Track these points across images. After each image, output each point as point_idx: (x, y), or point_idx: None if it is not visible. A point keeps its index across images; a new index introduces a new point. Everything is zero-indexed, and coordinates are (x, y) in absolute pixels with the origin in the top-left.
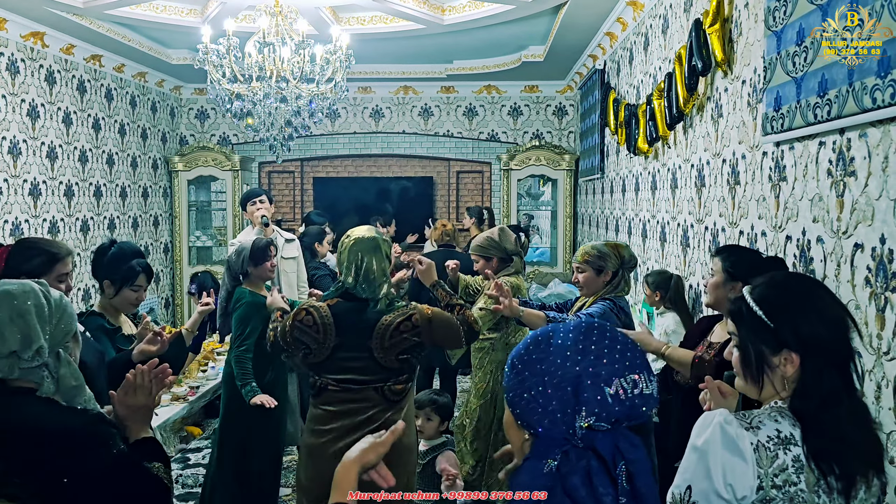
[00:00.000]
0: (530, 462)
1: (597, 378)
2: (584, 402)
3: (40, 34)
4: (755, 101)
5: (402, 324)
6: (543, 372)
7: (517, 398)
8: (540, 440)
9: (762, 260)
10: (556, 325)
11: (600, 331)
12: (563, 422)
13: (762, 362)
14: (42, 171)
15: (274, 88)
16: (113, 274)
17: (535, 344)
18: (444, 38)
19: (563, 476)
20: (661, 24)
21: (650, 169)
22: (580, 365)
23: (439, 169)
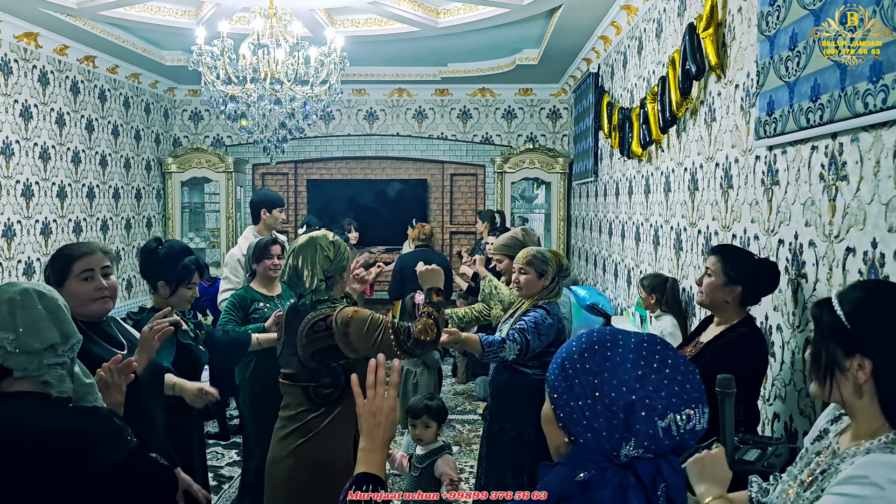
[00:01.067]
0: (563, 468)
1: (652, 411)
2: (635, 434)
3: (34, 35)
4: (748, 105)
5: (317, 323)
6: (596, 387)
7: (563, 403)
8: (578, 448)
9: (759, 262)
10: (616, 331)
11: (662, 355)
12: (608, 442)
13: (832, 364)
14: (35, 172)
15: (268, 90)
16: (168, 274)
17: (592, 352)
18: (439, 40)
19: (593, 487)
20: (655, 28)
21: (644, 172)
22: (636, 393)
23: (433, 171)
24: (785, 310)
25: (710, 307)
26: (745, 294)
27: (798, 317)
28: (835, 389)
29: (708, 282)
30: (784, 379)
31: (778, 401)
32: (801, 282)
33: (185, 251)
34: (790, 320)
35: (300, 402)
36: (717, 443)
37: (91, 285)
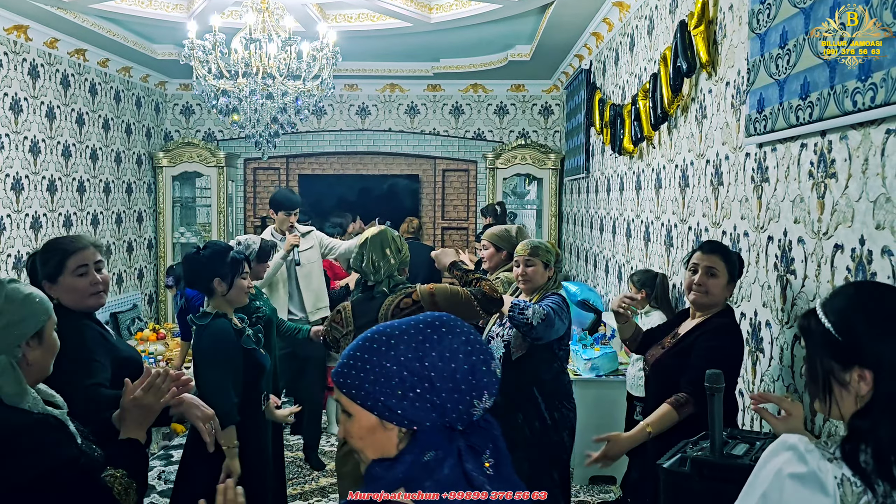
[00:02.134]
0: (409, 455)
1: (486, 362)
2: (485, 386)
3: (24, 27)
4: (739, 102)
5: (402, 301)
6: (428, 368)
7: (395, 402)
8: (423, 433)
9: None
10: (390, 325)
11: (452, 320)
12: (456, 410)
13: (829, 379)
14: (25, 166)
15: (260, 85)
16: (221, 270)
17: (399, 342)
18: (431, 36)
19: (437, 465)
20: (647, 25)
21: (635, 169)
22: (467, 356)
23: (425, 167)
24: (774, 306)
25: (710, 307)
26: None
27: (787, 313)
28: (834, 405)
29: (715, 282)
30: (772, 375)
31: None
32: (789, 279)
33: (228, 247)
34: (779, 317)
35: None
36: (706, 438)
37: (86, 280)
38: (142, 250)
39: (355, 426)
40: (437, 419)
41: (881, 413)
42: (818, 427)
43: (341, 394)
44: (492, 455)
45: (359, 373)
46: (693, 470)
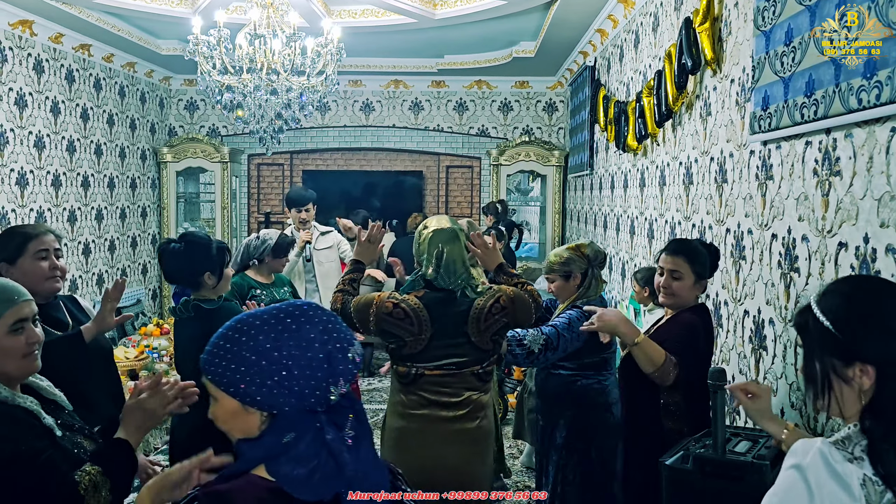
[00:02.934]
0: (269, 437)
1: (344, 350)
2: (341, 373)
3: (29, 22)
4: (743, 99)
5: (493, 306)
6: (286, 357)
7: (255, 389)
8: (282, 416)
9: (708, 249)
10: (252, 315)
11: (311, 308)
12: (313, 395)
13: (829, 376)
14: (29, 161)
15: (264, 81)
16: (210, 264)
17: (257, 331)
18: (436, 32)
19: (296, 444)
20: (652, 21)
21: (639, 166)
22: (330, 343)
23: (429, 163)
24: (777, 304)
25: (679, 307)
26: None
27: (790, 311)
28: (834, 403)
29: (679, 285)
30: (776, 372)
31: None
32: (793, 276)
33: (208, 238)
34: (782, 314)
35: (471, 385)
36: (709, 435)
37: (46, 264)
38: (146, 245)
39: (220, 410)
40: (296, 404)
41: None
42: (820, 425)
43: (207, 380)
44: (352, 428)
45: (222, 361)
46: (695, 467)
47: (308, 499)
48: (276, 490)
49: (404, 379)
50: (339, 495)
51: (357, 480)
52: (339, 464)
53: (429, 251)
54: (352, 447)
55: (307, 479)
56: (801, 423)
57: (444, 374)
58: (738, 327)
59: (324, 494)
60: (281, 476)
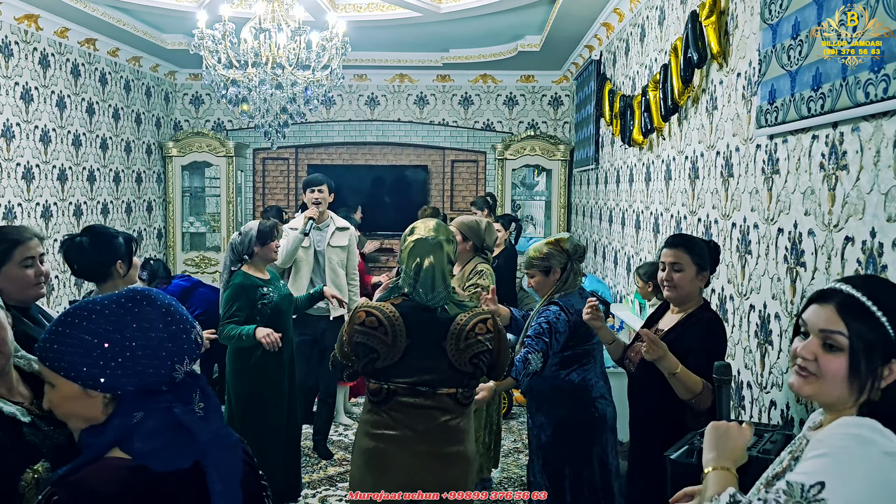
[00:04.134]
0: (118, 419)
1: (187, 331)
2: (186, 352)
3: (34, 17)
4: (750, 93)
5: (478, 326)
6: (129, 338)
7: (98, 371)
8: (126, 398)
9: (708, 244)
10: (92, 301)
11: (153, 293)
12: (159, 375)
13: (874, 371)
14: (35, 155)
15: (269, 75)
16: (121, 252)
17: (93, 318)
18: (441, 26)
19: (145, 423)
20: (658, 15)
21: (644, 160)
22: (173, 324)
23: (434, 158)
24: (783, 299)
25: (685, 300)
26: (710, 275)
27: (796, 306)
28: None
29: (680, 276)
30: (781, 367)
31: (775, 389)
32: (799, 271)
33: (110, 228)
34: (788, 309)
35: (448, 408)
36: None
37: (32, 271)
38: (151, 240)
39: (58, 396)
40: (140, 383)
41: None
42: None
43: (44, 366)
44: (201, 400)
45: (60, 346)
46: (700, 461)
47: (167, 469)
48: (135, 467)
49: (375, 397)
50: (198, 463)
51: (211, 448)
52: (193, 433)
53: (407, 263)
54: (203, 418)
55: (163, 451)
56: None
57: (417, 395)
58: (744, 322)
59: (182, 463)
60: (137, 452)
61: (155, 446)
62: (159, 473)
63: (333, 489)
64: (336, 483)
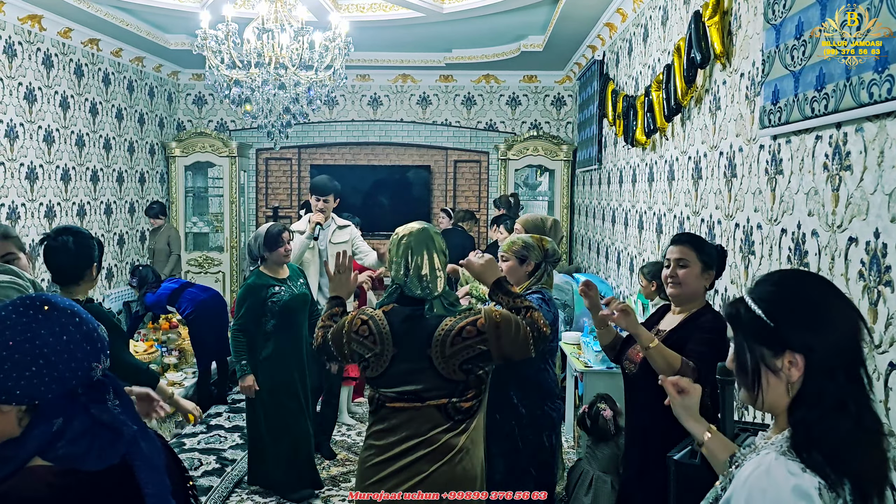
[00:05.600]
0: (37, 430)
1: (98, 327)
2: (101, 350)
3: (38, 17)
4: (753, 94)
5: (464, 328)
6: (42, 345)
7: (12, 384)
8: (44, 407)
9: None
10: None
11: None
12: (77, 377)
13: (758, 366)
14: (39, 155)
15: (272, 75)
16: (94, 255)
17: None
18: (444, 26)
19: (68, 427)
20: (661, 15)
21: (647, 161)
22: (84, 325)
23: (437, 158)
24: None
25: (688, 298)
26: (714, 279)
27: None
28: (767, 394)
29: (686, 272)
30: None
31: None
32: None
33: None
34: None
35: (436, 422)
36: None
37: None
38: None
39: None
40: (58, 389)
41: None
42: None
43: None
44: (115, 397)
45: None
46: (703, 462)
47: (95, 467)
48: (61, 471)
49: (370, 405)
50: (125, 456)
51: (135, 442)
52: (116, 429)
53: (398, 253)
54: (121, 413)
55: (88, 452)
56: None
57: (404, 405)
58: None
59: (111, 459)
60: (61, 458)
61: (83, 448)
62: (90, 473)
63: (337, 489)
64: (339, 483)
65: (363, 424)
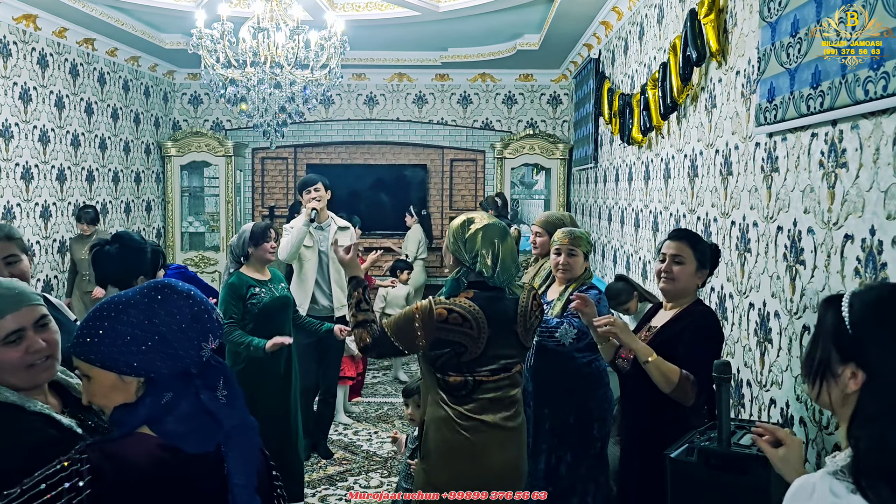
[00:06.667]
0: (149, 398)
1: (209, 311)
2: (210, 330)
3: (33, 17)
4: (749, 91)
5: (532, 302)
6: (159, 324)
7: (131, 357)
8: (158, 380)
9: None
10: (118, 296)
11: (175, 283)
12: (189, 355)
13: (824, 366)
14: (34, 155)
15: (268, 74)
16: (144, 268)
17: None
18: (439, 25)
19: (175, 404)
20: (657, 13)
21: (643, 159)
22: (196, 306)
23: (433, 157)
24: (783, 297)
25: (680, 295)
26: (707, 277)
27: (796, 304)
28: (823, 392)
29: (680, 269)
30: (781, 365)
31: (775, 387)
32: (798, 269)
33: (142, 240)
34: (787, 307)
35: (517, 383)
36: (714, 428)
37: (6, 274)
38: (150, 240)
39: (96, 387)
40: (172, 366)
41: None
42: (826, 418)
43: (80, 361)
44: (224, 388)
45: (93, 339)
46: (700, 459)
47: (194, 451)
48: (164, 445)
49: (459, 391)
50: (220, 445)
51: (235, 433)
52: (218, 419)
53: (483, 248)
54: (226, 405)
55: (190, 434)
56: (807, 417)
57: (499, 381)
58: (744, 320)
59: (208, 446)
60: (166, 433)
61: (187, 429)
62: (188, 455)
63: (333, 488)
64: (336, 482)
65: (360, 424)
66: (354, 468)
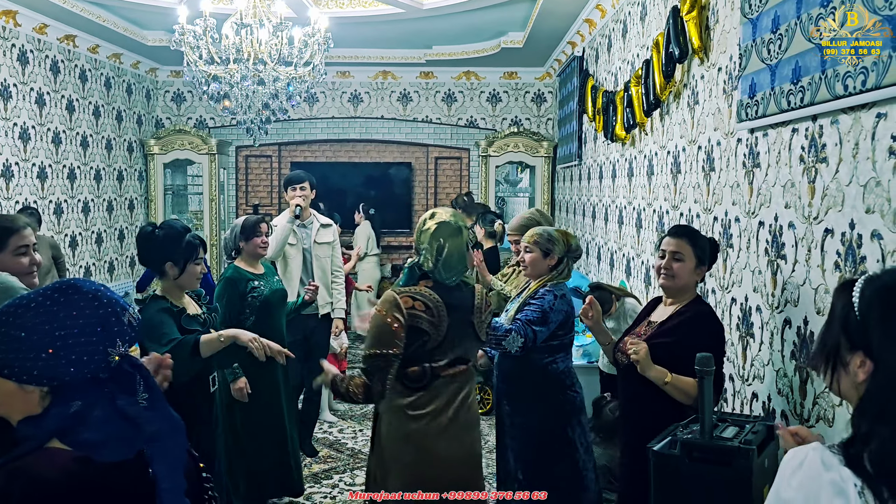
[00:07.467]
0: (56, 409)
1: (118, 314)
2: (117, 334)
3: (12, 13)
4: (731, 88)
5: (486, 298)
6: (58, 328)
7: (29, 365)
8: (63, 388)
9: (709, 241)
10: (18, 299)
11: (79, 281)
12: (92, 361)
13: (834, 354)
14: (14, 153)
15: (251, 71)
16: (174, 254)
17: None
18: (424, 22)
19: (86, 412)
20: (640, 11)
21: (627, 156)
22: (101, 308)
23: (418, 155)
24: (764, 291)
25: (680, 291)
26: (705, 272)
27: (777, 298)
28: (835, 381)
29: (680, 266)
30: (762, 359)
31: (756, 381)
32: (780, 263)
33: (185, 229)
34: (769, 301)
35: (471, 378)
36: (696, 421)
37: (26, 260)
38: (133, 238)
39: None
40: (75, 372)
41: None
42: (807, 411)
43: None
44: (145, 391)
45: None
46: (683, 452)
47: (112, 459)
48: (77, 457)
49: (416, 382)
50: (142, 451)
51: (158, 437)
52: (137, 424)
53: (430, 243)
54: (147, 408)
55: (106, 442)
56: (788, 410)
57: (455, 371)
58: (726, 315)
59: (127, 453)
60: (79, 443)
61: (102, 437)
62: (106, 464)
63: (318, 486)
64: (321, 480)
65: (345, 422)
66: (339, 466)
